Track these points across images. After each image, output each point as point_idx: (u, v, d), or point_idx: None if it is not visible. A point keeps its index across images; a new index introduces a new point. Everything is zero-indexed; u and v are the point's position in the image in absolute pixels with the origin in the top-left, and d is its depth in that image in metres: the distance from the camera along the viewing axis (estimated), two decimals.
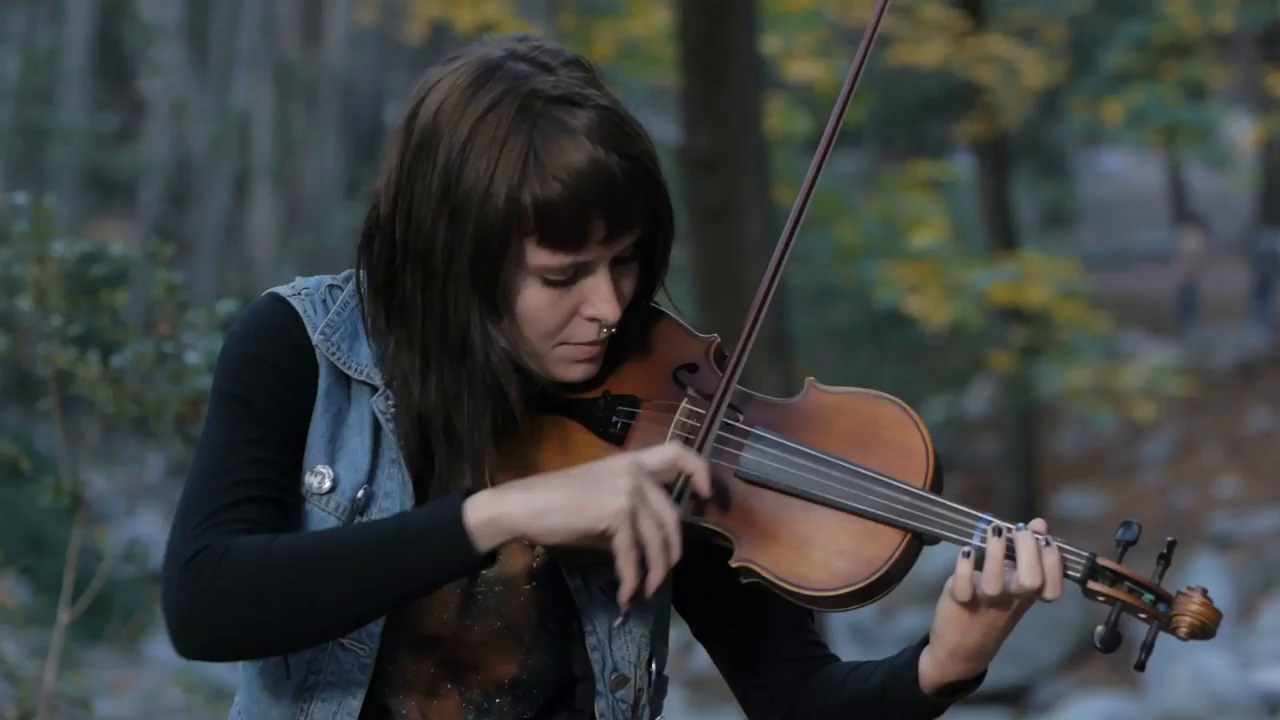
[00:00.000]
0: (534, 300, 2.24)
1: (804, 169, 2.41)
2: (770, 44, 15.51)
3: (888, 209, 17.81)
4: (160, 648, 13.55)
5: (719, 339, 2.36)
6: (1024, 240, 22.50)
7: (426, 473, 2.32)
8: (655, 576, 2.18)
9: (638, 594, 2.18)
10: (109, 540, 4.43)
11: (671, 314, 2.39)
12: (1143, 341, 26.12)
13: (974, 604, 2.22)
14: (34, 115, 29.31)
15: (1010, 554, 2.21)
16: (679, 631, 2.48)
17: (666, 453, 2.21)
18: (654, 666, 2.38)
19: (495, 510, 2.16)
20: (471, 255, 2.21)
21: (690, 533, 2.26)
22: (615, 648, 2.34)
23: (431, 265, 2.24)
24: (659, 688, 2.42)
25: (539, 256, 2.22)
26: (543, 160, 2.19)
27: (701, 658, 17.09)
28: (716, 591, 2.37)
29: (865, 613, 18.31)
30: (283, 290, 2.34)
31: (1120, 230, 34.90)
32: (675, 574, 2.37)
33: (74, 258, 4.21)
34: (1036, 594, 2.21)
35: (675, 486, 2.22)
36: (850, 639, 16.87)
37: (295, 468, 2.30)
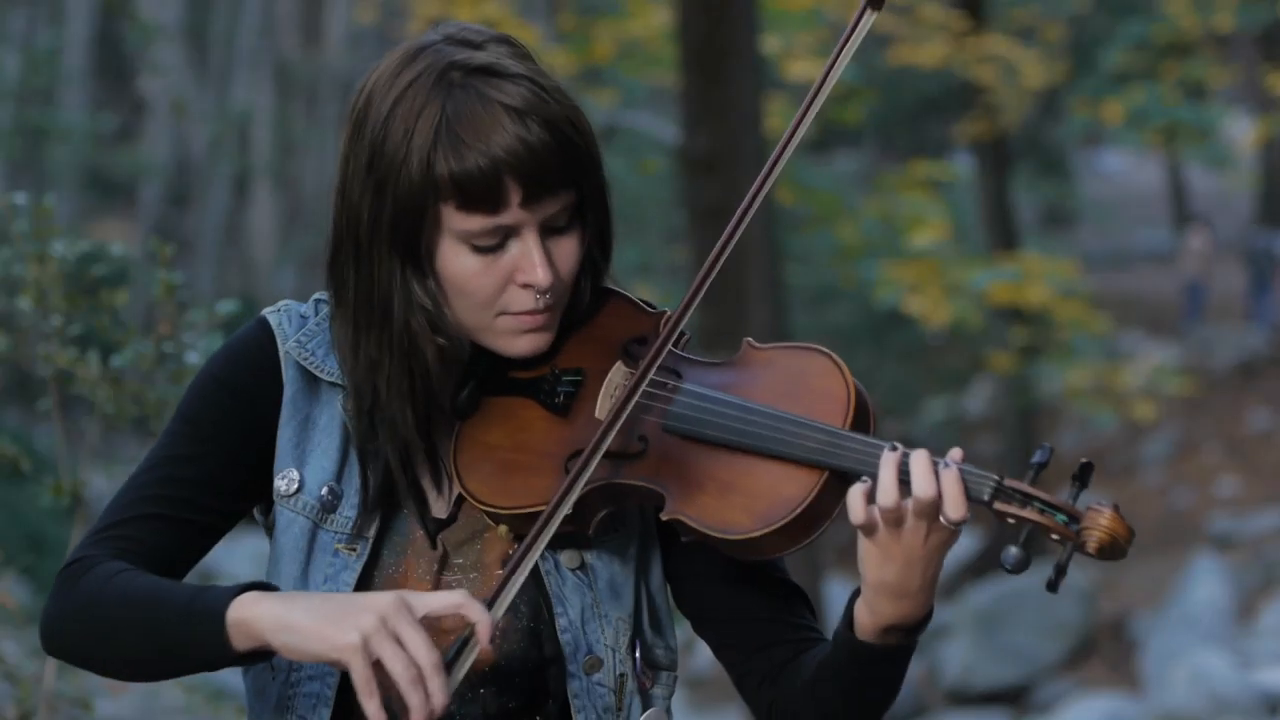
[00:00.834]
0: (464, 267, 2.29)
1: (804, 169, 2.44)
2: (770, 44, 15.50)
3: (888, 209, 17.80)
4: None
5: (669, 312, 2.39)
6: (1024, 240, 22.49)
7: (387, 467, 2.37)
8: (413, 717, 2.15)
9: None
10: None
11: (625, 293, 2.42)
12: (1143, 341, 26.14)
13: (873, 528, 2.21)
14: (34, 115, 29.28)
15: (906, 476, 2.20)
16: (679, 630, 2.48)
17: (450, 598, 2.18)
18: (638, 653, 2.39)
19: (249, 614, 2.18)
20: (392, 221, 2.28)
21: (625, 495, 2.30)
22: (589, 630, 2.35)
23: (359, 236, 2.30)
24: (657, 681, 2.42)
25: (457, 220, 2.27)
26: (455, 127, 2.25)
27: (701, 658, 17.08)
28: (701, 579, 2.39)
29: None
30: (267, 309, 2.43)
31: (1120, 230, 34.90)
32: (666, 571, 2.42)
33: (74, 258, 4.21)
34: (934, 508, 2.18)
35: (460, 635, 2.20)
36: None
37: (245, 485, 2.37)
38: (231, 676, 2.44)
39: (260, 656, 2.21)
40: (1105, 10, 26.51)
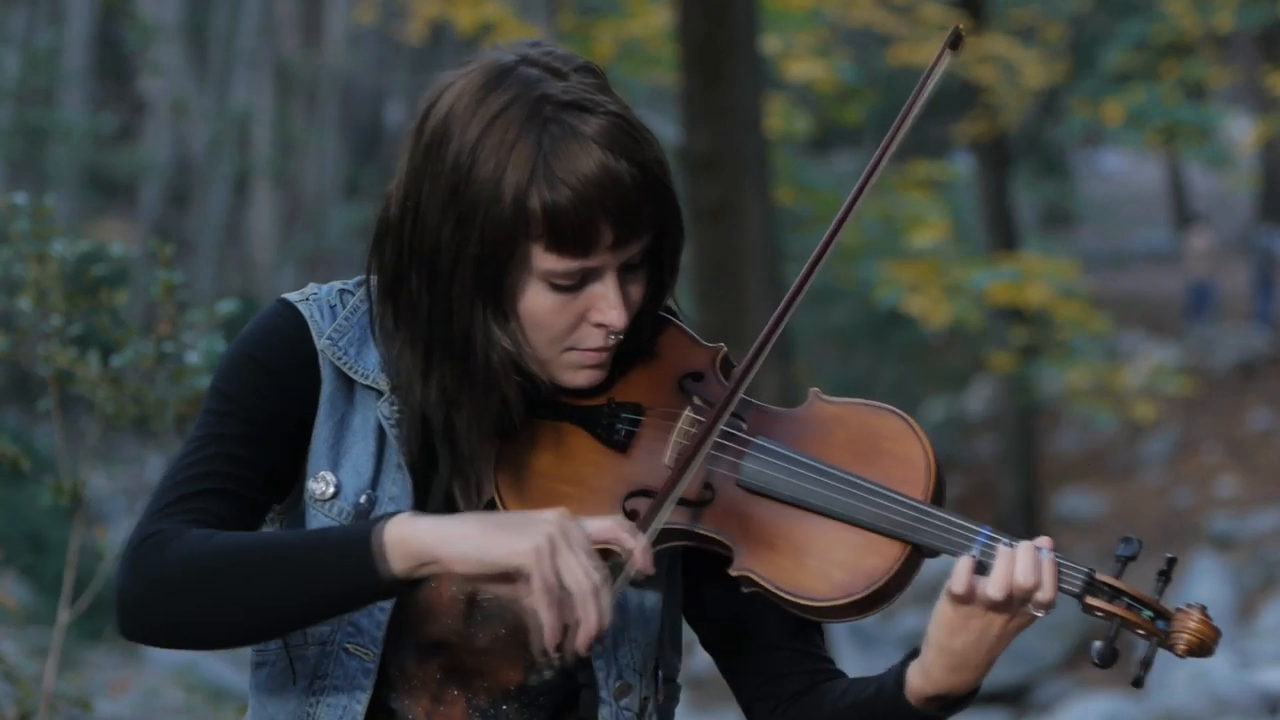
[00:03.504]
0: (541, 304, 2.24)
1: (804, 169, 2.44)
2: (770, 44, 15.51)
3: (888, 209, 17.79)
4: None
5: (725, 348, 2.36)
6: (1024, 240, 22.50)
7: (430, 478, 2.32)
8: (583, 632, 2.13)
9: (563, 648, 2.13)
10: (109, 540, 4.44)
11: (678, 322, 2.38)
12: (1143, 341, 26.13)
13: (968, 601, 2.21)
14: (34, 115, 29.28)
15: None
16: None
17: (607, 524, 2.17)
18: (660, 674, 2.38)
19: (407, 531, 2.14)
20: (477, 256, 2.21)
21: (690, 540, 2.26)
22: (620, 655, 2.34)
23: (438, 266, 2.23)
24: (670, 695, 2.42)
25: (546, 261, 2.21)
26: (552, 165, 2.19)
27: (701, 658, 17.02)
28: (722, 601, 2.36)
29: None
30: (292, 296, 2.36)
31: (1120, 230, 34.89)
32: (684, 583, 2.40)
33: (74, 258, 4.21)
34: (1029, 594, 2.20)
35: (613, 561, 2.18)
36: (851, 641, 16.87)
37: (280, 469, 2.31)
38: (231, 676, 2.43)
39: (407, 586, 2.16)
40: (1105, 10, 26.49)
